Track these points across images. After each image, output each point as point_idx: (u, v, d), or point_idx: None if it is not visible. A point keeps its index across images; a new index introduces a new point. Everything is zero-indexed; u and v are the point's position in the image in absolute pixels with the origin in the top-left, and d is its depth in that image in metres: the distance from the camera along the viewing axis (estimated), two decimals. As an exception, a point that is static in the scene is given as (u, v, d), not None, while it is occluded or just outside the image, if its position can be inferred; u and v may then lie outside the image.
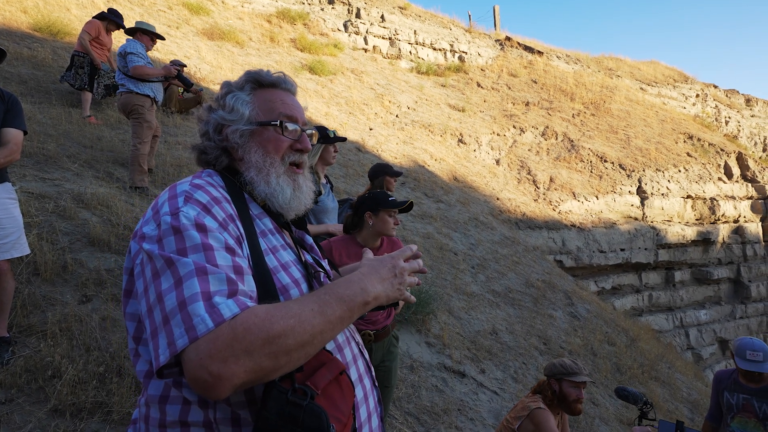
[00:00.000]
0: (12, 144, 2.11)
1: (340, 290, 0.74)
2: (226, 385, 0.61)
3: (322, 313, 0.69)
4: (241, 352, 0.61)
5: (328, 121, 7.97)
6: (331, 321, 0.70)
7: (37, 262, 2.60)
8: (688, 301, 10.19)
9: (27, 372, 2.07)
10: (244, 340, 0.62)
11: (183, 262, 0.68)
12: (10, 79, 5.08)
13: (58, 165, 3.79)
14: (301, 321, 0.66)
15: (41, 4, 6.99)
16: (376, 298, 0.77)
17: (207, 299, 0.65)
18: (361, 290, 0.75)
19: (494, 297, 5.50)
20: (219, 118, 0.92)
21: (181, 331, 0.63)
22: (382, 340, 2.16)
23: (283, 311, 0.66)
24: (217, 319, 0.63)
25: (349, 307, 0.73)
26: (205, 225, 0.73)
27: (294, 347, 0.65)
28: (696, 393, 5.93)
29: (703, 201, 10.67)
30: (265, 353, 0.63)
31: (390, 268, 0.82)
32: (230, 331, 0.62)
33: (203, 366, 0.61)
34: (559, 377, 2.24)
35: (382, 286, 0.79)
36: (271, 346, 0.63)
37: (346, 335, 0.93)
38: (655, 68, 16.45)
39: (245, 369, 0.62)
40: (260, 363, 0.63)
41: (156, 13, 8.77)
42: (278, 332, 0.64)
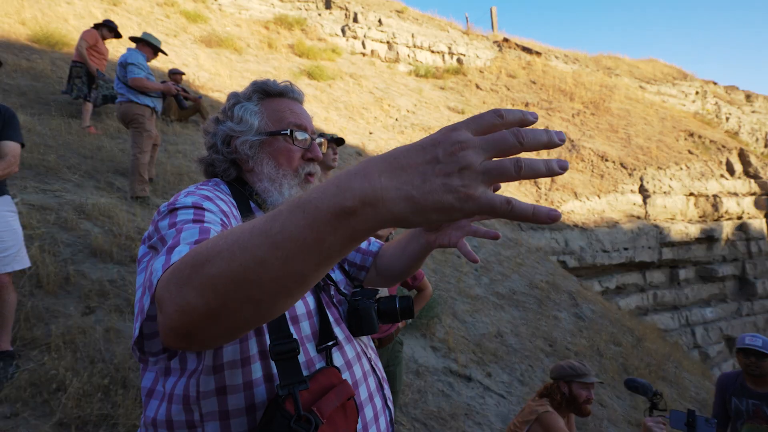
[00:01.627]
0: (10, 156, 2.10)
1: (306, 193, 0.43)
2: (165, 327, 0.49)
3: (265, 232, 0.42)
4: (175, 283, 0.48)
5: (327, 126, 7.97)
6: (276, 243, 0.41)
7: (40, 275, 2.59)
8: (694, 300, 10.14)
9: (32, 385, 2.05)
10: (178, 269, 0.48)
11: (171, 234, 0.64)
12: (9, 91, 5.09)
13: (58, 176, 3.79)
14: (232, 241, 0.44)
15: (39, 16, 7.02)
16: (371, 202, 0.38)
17: (169, 252, 0.58)
18: (336, 188, 0.40)
19: (498, 299, 5.47)
20: (228, 130, 0.91)
21: (147, 295, 0.60)
22: (386, 346, 2.14)
23: (224, 233, 0.48)
24: (165, 265, 0.55)
25: (308, 221, 0.40)
26: (203, 206, 0.72)
27: (220, 279, 0.44)
28: (704, 392, 5.88)
29: (706, 198, 10.64)
30: (191, 284, 0.46)
31: (426, 146, 0.39)
32: (174, 265, 0.51)
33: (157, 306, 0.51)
34: (568, 379, 2.22)
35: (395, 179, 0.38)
36: (196, 274, 0.46)
37: (357, 350, 0.86)
38: (654, 66, 16.45)
39: (175, 305, 0.47)
40: (186, 297, 0.46)
41: (154, 22, 8.80)
42: (204, 257, 0.46)
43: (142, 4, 9.24)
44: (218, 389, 0.68)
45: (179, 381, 0.70)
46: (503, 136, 0.38)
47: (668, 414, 2.05)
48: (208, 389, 0.68)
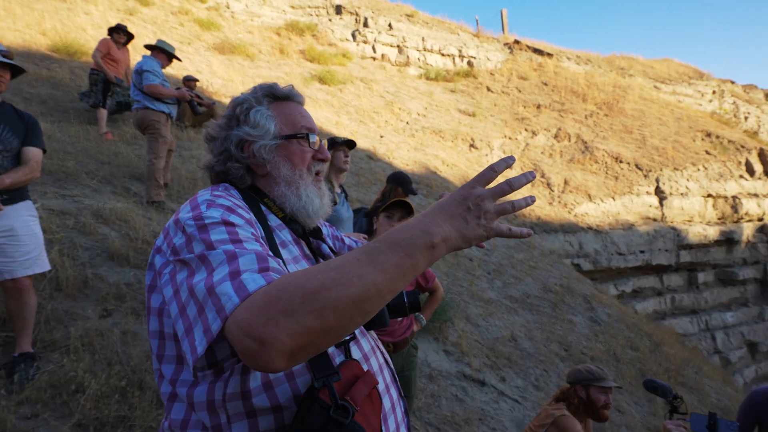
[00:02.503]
0: (32, 162, 2.16)
1: (393, 235, 0.62)
2: (273, 352, 0.55)
3: (372, 262, 0.59)
4: (279, 313, 0.56)
5: (338, 130, 8.01)
6: (386, 270, 0.59)
7: (59, 278, 2.65)
8: (713, 303, 9.89)
9: (51, 387, 2.09)
10: (280, 300, 0.57)
11: (214, 254, 0.67)
12: (30, 99, 5.23)
13: (77, 182, 3.88)
14: (344, 272, 0.58)
15: (59, 26, 7.22)
16: (445, 239, 0.62)
17: (235, 278, 0.62)
18: (422, 231, 0.61)
19: (512, 303, 5.41)
20: (244, 135, 0.90)
21: (213, 315, 0.61)
22: (401, 350, 2.13)
23: (322, 266, 0.60)
24: (243, 294, 0.60)
25: (407, 253, 0.60)
26: (232, 221, 0.73)
27: (342, 302, 0.57)
28: (726, 399, 5.71)
29: (725, 199, 10.39)
30: (307, 311, 0.56)
31: (460, 200, 0.64)
32: (263, 296, 0.58)
33: (245, 335, 0.56)
34: (585, 383, 2.18)
35: (451, 225, 0.63)
36: (313, 303, 0.56)
37: (371, 345, 0.91)
38: (669, 66, 16.19)
39: (288, 332, 0.55)
40: (303, 323, 0.55)
41: (168, 30, 8.98)
42: (317, 287, 0.57)
43: (157, 13, 9.44)
44: (243, 393, 0.71)
45: (200, 387, 0.72)
46: (501, 187, 0.65)
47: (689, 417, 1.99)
48: (234, 392, 0.70)
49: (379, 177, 6.96)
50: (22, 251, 2.14)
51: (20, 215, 2.15)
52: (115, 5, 8.87)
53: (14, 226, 2.11)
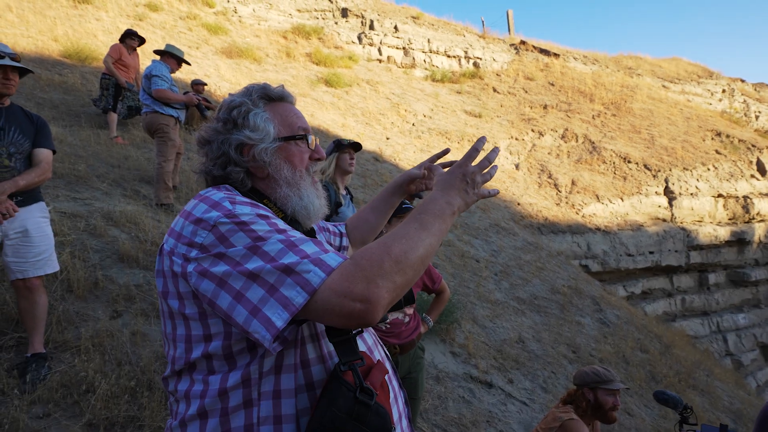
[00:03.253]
0: (44, 163, 2.19)
1: (430, 207, 0.82)
2: (378, 307, 0.67)
3: (425, 229, 0.77)
4: (377, 276, 0.68)
5: (345, 133, 8.04)
6: (434, 234, 0.78)
7: (70, 279, 2.69)
8: (725, 305, 9.75)
9: (63, 387, 2.12)
10: (373, 267, 0.69)
11: (269, 243, 0.71)
12: (42, 104, 5.33)
13: (88, 185, 3.94)
14: (411, 239, 0.74)
15: (70, 32, 7.34)
16: (459, 207, 0.85)
17: (312, 257, 0.70)
18: (446, 203, 0.84)
19: (519, 304, 5.38)
20: (245, 138, 0.88)
21: (296, 291, 0.67)
22: (408, 352, 2.12)
23: (391, 238, 0.74)
24: (327, 269, 0.69)
25: (443, 220, 0.81)
26: (266, 214, 0.77)
27: (416, 261, 0.73)
28: (738, 402, 5.63)
29: (736, 199, 10.25)
30: (396, 271, 0.70)
31: (461, 178, 0.88)
32: (353, 266, 0.69)
33: (351, 298, 0.67)
34: (593, 386, 2.16)
35: (459, 197, 0.86)
36: (399, 264, 0.71)
37: (374, 338, 0.95)
38: (678, 65, 16.02)
39: (386, 289, 0.68)
40: (395, 281, 0.70)
41: (177, 35, 9.09)
42: (399, 253, 0.71)
43: (166, 18, 9.57)
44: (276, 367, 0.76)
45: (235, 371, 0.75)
46: (483, 162, 0.91)
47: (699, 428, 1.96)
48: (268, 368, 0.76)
49: (385, 179, 6.97)
50: (35, 252, 2.18)
51: (33, 216, 2.19)
52: (125, 11, 9.00)
53: (27, 227, 2.15)
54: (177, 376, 0.80)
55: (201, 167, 0.93)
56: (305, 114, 8.05)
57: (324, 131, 7.61)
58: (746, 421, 5.20)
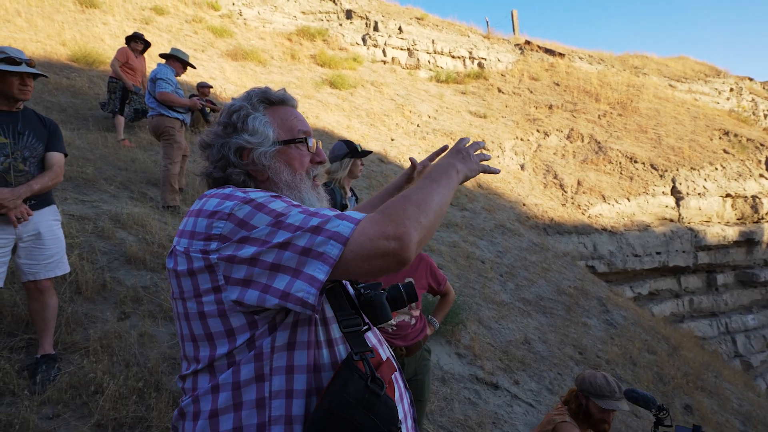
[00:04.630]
0: (56, 167, 2.23)
1: (436, 168, 0.91)
2: (410, 244, 0.71)
3: (436, 181, 0.85)
4: (405, 218, 0.73)
5: (350, 134, 8.06)
6: (444, 186, 0.86)
7: (79, 281, 2.72)
8: (733, 306, 9.64)
9: (72, 388, 2.15)
10: (397, 211, 0.74)
11: (291, 216, 0.74)
12: (51, 108, 5.39)
13: (96, 187, 3.98)
14: (425, 189, 0.81)
15: (78, 36, 7.42)
16: (460, 170, 0.95)
17: (337, 216, 0.74)
18: (448, 164, 0.94)
19: (525, 305, 5.36)
20: (243, 142, 0.90)
21: (331, 245, 0.70)
22: (414, 354, 2.12)
23: (406, 192, 0.80)
24: (354, 221, 0.73)
25: (449, 175, 0.89)
26: (280, 196, 0.80)
27: (435, 205, 0.80)
28: (748, 404, 5.56)
29: (744, 199, 10.14)
30: (421, 213, 0.76)
31: (455, 153, 1.00)
32: (380, 215, 0.74)
33: (384, 238, 0.70)
34: (586, 393, 2.03)
35: (460, 163, 0.96)
36: (422, 208, 0.77)
37: (379, 337, 0.96)
38: (684, 64, 15.90)
39: (415, 228, 0.73)
40: (421, 222, 0.75)
41: (183, 38, 9.16)
42: (420, 200, 0.78)
43: (172, 21, 9.64)
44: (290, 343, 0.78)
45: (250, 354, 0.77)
46: (476, 144, 1.07)
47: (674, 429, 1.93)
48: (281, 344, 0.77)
49: (390, 180, 6.98)
50: (46, 254, 2.20)
51: (46, 219, 2.22)
52: (132, 15, 9.09)
53: (40, 230, 2.18)
54: (195, 376, 0.80)
55: (202, 170, 0.95)
56: (310, 116, 8.08)
57: (329, 133, 7.63)
58: (755, 423, 5.14)
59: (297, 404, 0.75)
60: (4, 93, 2.07)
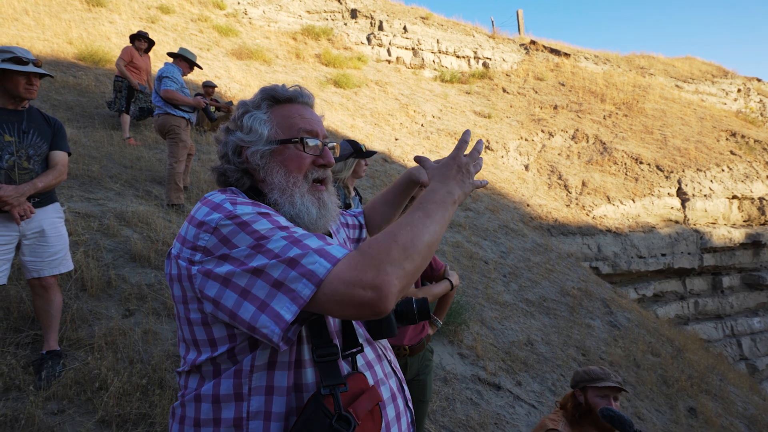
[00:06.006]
0: (60, 165, 2.25)
1: (432, 197, 0.82)
2: (388, 294, 0.66)
3: (429, 216, 0.77)
4: (385, 263, 0.67)
5: (354, 133, 8.07)
6: (438, 221, 0.78)
7: (84, 279, 2.74)
8: (739, 308, 9.57)
9: (76, 384, 2.17)
10: (380, 254, 0.68)
11: (272, 240, 0.70)
12: (58, 106, 5.43)
13: (101, 185, 4.00)
14: (416, 226, 0.75)
15: (84, 35, 7.47)
16: (458, 198, 0.86)
17: (317, 250, 0.69)
18: (447, 193, 0.84)
19: (528, 306, 5.35)
20: (237, 140, 0.89)
21: (303, 282, 0.66)
22: (416, 354, 2.12)
23: (395, 227, 0.74)
24: (332, 260, 0.68)
25: (445, 208, 0.81)
26: (267, 212, 0.76)
27: (424, 247, 0.73)
28: (753, 407, 5.52)
29: (751, 201, 10.05)
30: (405, 258, 0.69)
31: (454, 167, 0.89)
32: (360, 256, 0.69)
33: (359, 286, 0.65)
34: (582, 386, 1.93)
35: (458, 187, 0.87)
36: (407, 251, 0.70)
37: (378, 352, 0.90)
38: (691, 64, 15.78)
39: (396, 276, 0.67)
40: (404, 267, 0.69)
41: (188, 37, 9.20)
42: (406, 240, 0.71)
43: (178, 20, 9.69)
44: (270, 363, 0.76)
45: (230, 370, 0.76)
46: (474, 154, 0.94)
47: None
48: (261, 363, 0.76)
49: (393, 179, 6.98)
50: (50, 252, 2.22)
51: (49, 217, 2.24)
52: (138, 14, 9.14)
53: (44, 227, 2.20)
54: (187, 375, 0.83)
55: (213, 165, 0.96)
56: (314, 115, 8.09)
57: (333, 132, 7.64)
58: (761, 427, 5.10)
59: (275, 427, 0.73)
60: (10, 92, 2.09)
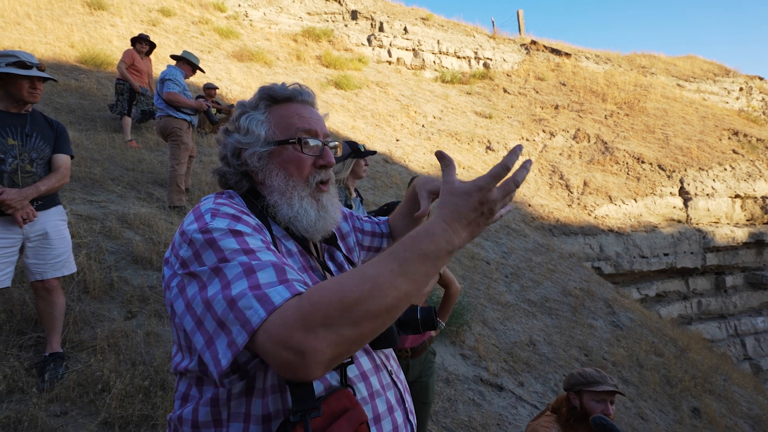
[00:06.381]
0: (62, 169, 2.26)
1: (422, 246, 0.64)
2: (314, 363, 0.58)
3: (404, 273, 0.62)
4: (318, 325, 0.58)
5: (354, 134, 8.07)
6: (415, 280, 0.63)
7: (87, 281, 2.75)
8: (743, 308, 9.53)
9: (79, 386, 2.17)
10: (317, 313, 0.58)
11: (229, 266, 0.66)
12: (60, 109, 5.46)
13: (103, 188, 4.02)
14: (379, 284, 0.60)
15: (86, 38, 7.51)
16: (461, 244, 0.67)
17: (257, 290, 0.62)
18: (446, 242, 0.65)
19: (530, 307, 5.34)
20: (235, 142, 0.87)
21: (238, 328, 0.61)
22: (419, 356, 2.12)
23: (355, 277, 0.61)
24: (269, 307, 0.60)
25: (434, 263, 0.64)
26: (240, 230, 0.71)
27: (378, 312, 0.60)
28: (757, 407, 5.49)
29: (754, 200, 10.02)
30: (346, 322, 0.58)
31: (476, 206, 0.67)
32: (296, 309, 0.59)
33: (284, 347, 0.58)
34: (578, 389, 1.89)
35: (467, 231, 0.67)
36: (351, 314, 0.58)
37: (376, 362, 0.85)
38: (693, 63, 15.75)
39: (328, 342, 0.58)
40: (342, 334, 0.58)
41: (189, 40, 9.23)
42: (354, 299, 0.59)
43: (179, 23, 9.72)
44: (247, 389, 0.71)
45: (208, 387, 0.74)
46: (510, 188, 0.68)
47: None
48: (238, 391, 0.71)
49: (395, 180, 6.97)
50: (54, 254, 2.23)
51: (52, 219, 2.25)
52: (139, 17, 9.17)
53: (47, 230, 2.21)
54: (178, 375, 0.81)
55: (214, 168, 0.94)
56: (315, 116, 8.11)
57: (334, 133, 7.65)
58: (765, 428, 5.08)
59: None
60: (13, 96, 2.11)
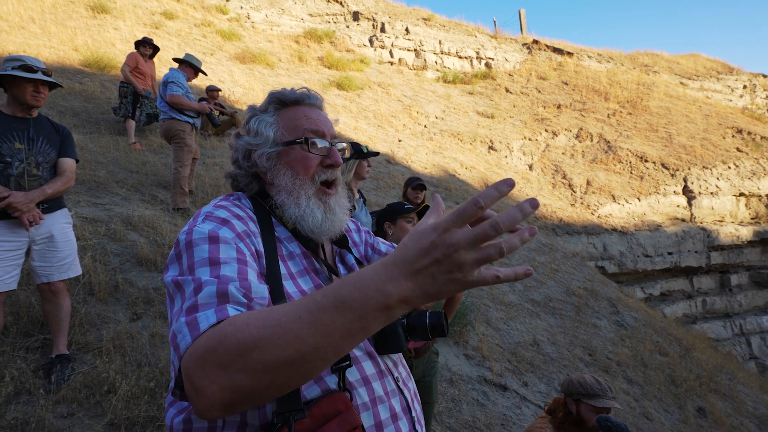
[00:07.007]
0: (68, 172, 2.28)
1: (343, 293, 0.52)
2: (206, 402, 0.54)
3: (314, 323, 0.51)
4: (214, 365, 0.53)
5: (357, 135, 8.08)
6: (328, 334, 0.51)
7: (92, 283, 2.77)
8: (748, 307, 9.48)
9: (86, 387, 2.19)
10: (216, 351, 0.54)
11: (188, 282, 0.67)
12: (64, 112, 5.50)
13: (108, 190, 4.04)
14: (283, 332, 0.52)
15: (90, 42, 7.55)
16: (404, 300, 0.50)
17: (190, 314, 0.61)
18: (376, 292, 0.50)
19: (534, 306, 5.33)
20: (245, 144, 0.90)
21: (173, 351, 0.63)
22: (422, 356, 2.13)
23: (262, 319, 0.54)
24: (195, 334, 0.59)
25: (357, 317, 0.50)
26: (218, 236, 0.72)
27: (276, 364, 0.51)
28: (763, 407, 5.46)
29: (759, 198, 9.97)
30: (239, 368, 0.52)
31: (427, 250, 0.49)
32: (205, 342, 0.56)
33: (187, 379, 0.56)
34: (576, 397, 1.86)
35: (413, 282, 0.50)
36: (246, 360, 0.52)
37: (381, 367, 0.82)
38: (696, 61, 15.68)
39: (219, 386, 0.53)
40: (234, 380, 0.52)
41: (192, 42, 9.27)
42: (250, 344, 0.52)
43: (181, 25, 9.77)
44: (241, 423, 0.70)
45: None
46: (484, 230, 0.48)
47: None
48: None
49: (397, 181, 6.98)
50: (59, 257, 2.25)
51: (58, 222, 2.27)
52: (142, 20, 9.22)
53: (53, 233, 2.23)
54: None
55: (226, 172, 0.96)
56: (318, 117, 8.12)
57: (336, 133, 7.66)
58: (771, 427, 5.05)
59: None
60: (18, 99, 2.13)
